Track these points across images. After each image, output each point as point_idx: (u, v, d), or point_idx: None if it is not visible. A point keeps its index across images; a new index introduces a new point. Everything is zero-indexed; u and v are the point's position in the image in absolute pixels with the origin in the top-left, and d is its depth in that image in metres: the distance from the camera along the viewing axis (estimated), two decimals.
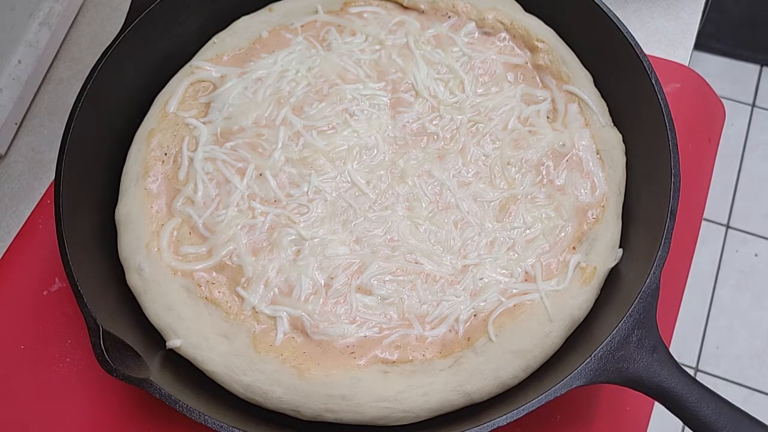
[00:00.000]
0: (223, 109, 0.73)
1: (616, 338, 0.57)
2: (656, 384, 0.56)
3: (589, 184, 0.69)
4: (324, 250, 0.67)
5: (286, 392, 0.61)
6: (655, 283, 0.59)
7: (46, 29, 0.90)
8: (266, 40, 0.78)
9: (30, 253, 0.77)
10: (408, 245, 0.67)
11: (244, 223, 0.68)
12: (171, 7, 0.74)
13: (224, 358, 0.63)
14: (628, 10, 0.91)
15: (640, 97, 0.68)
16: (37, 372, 0.71)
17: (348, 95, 0.74)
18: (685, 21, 0.90)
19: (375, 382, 0.61)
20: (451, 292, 0.65)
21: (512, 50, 0.76)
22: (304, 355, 0.63)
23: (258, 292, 0.65)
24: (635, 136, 0.70)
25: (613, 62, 0.72)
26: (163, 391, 0.57)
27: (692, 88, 0.84)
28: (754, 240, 1.87)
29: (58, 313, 0.74)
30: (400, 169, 0.71)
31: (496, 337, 0.62)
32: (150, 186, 0.70)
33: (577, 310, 0.64)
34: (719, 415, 0.54)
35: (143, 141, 0.72)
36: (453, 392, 0.61)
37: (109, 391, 0.70)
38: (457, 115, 0.73)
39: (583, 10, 0.73)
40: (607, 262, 0.66)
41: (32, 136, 0.88)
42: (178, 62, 0.77)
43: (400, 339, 0.63)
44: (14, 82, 0.86)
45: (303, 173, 0.70)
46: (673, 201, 0.62)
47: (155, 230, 0.68)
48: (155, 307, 0.65)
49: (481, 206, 0.69)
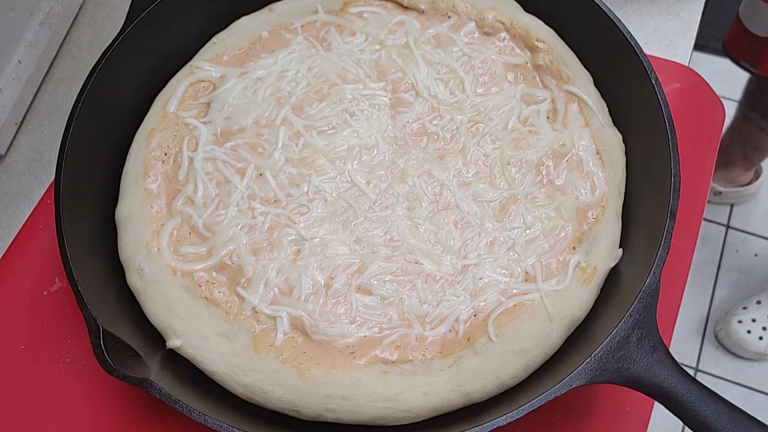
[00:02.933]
0: (223, 109, 0.73)
1: (616, 338, 0.57)
2: (656, 384, 0.56)
3: (589, 184, 0.69)
4: (324, 250, 0.67)
5: (286, 392, 0.61)
6: (655, 283, 0.59)
7: (46, 29, 0.90)
8: (266, 40, 0.78)
9: (30, 253, 0.77)
10: (408, 245, 0.67)
11: (244, 223, 0.68)
12: (171, 7, 0.74)
13: (224, 358, 0.63)
14: (628, 10, 0.91)
15: (640, 97, 0.68)
16: (37, 372, 0.71)
17: (348, 95, 0.74)
18: (685, 21, 0.90)
19: (375, 382, 0.61)
20: (451, 292, 0.65)
21: (512, 50, 0.76)
22: (304, 355, 0.63)
23: (258, 292, 0.65)
24: (635, 136, 0.70)
25: (613, 62, 0.72)
26: (163, 391, 0.57)
27: (692, 88, 0.84)
28: (754, 240, 1.87)
29: (58, 313, 0.74)
30: (400, 169, 0.71)
31: (496, 337, 0.62)
32: (150, 186, 0.70)
33: (577, 310, 0.64)
34: (719, 415, 0.54)
35: (143, 141, 0.72)
36: (453, 392, 0.61)
37: (109, 391, 0.70)
38: (457, 115, 0.73)
39: (583, 10, 0.73)
40: (607, 262, 0.66)
41: (32, 136, 0.88)
42: (178, 62, 0.77)
43: (400, 339, 0.63)
44: (14, 82, 0.86)
45: (303, 173, 0.70)
46: (673, 201, 0.62)
47: (155, 230, 0.68)
48: (155, 307, 0.65)
49: (481, 206, 0.69)
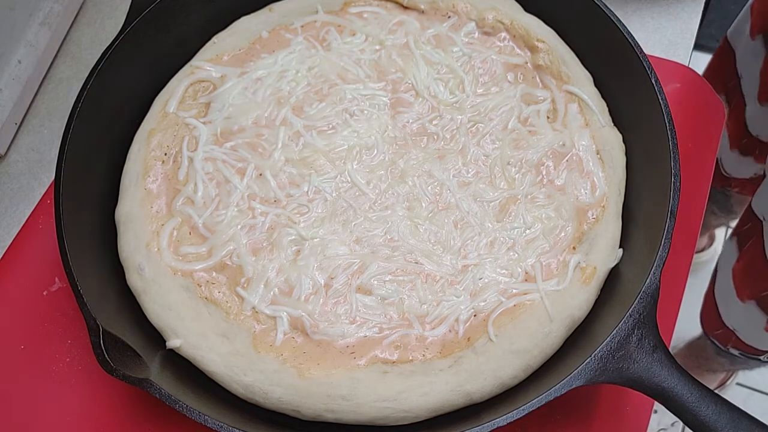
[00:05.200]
0: (223, 109, 0.73)
1: (616, 338, 0.57)
2: (656, 384, 0.56)
3: (589, 184, 0.69)
4: (324, 250, 0.67)
5: (286, 392, 0.61)
6: (655, 283, 0.59)
7: (46, 29, 0.90)
8: (266, 40, 0.78)
9: (30, 253, 0.77)
10: (408, 245, 0.67)
11: (244, 223, 0.68)
12: (171, 7, 0.74)
13: (224, 358, 0.63)
14: (628, 10, 0.91)
15: (640, 97, 0.68)
16: (37, 372, 0.71)
17: (348, 95, 0.74)
18: (685, 21, 0.90)
19: (375, 382, 0.61)
20: (451, 292, 0.65)
21: (512, 50, 0.76)
22: (304, 355, 0.63)
23: (258, 292, 0.65)
24: (635, 136, 0.70)
25: (613, 62, 0.72)
26: (163, 391, 0.57)
27: (692, 88, 0.84)
28: None
29: (58, 313, 0.74)
30: (400, 169, 0.71)
31: (496, 337, 0.62)
32: (150, 186, 0.70)
33: (577, 310, 0.64)
34: (719, 415, 0.54)
35: (143, 141, 0.72)
36: (453, 392, 0.61)
37: (109, 391, 0.70)
38: (457, 115, 0.73)
39: (583, 10, 0.73)
40: (607, 262, 0.66)
41: (32, 136, 0.88)
42: (178, 62, 0.77)
43: (400, 339, 0.63)
44: (14, 82, 0.86)
45: (303, 173, 0.70)
46: (673, 201, 0.62)
47: (155, 230, 0.68)
48: (155, 307, 0.65)
49: (481, 206, 0.69)
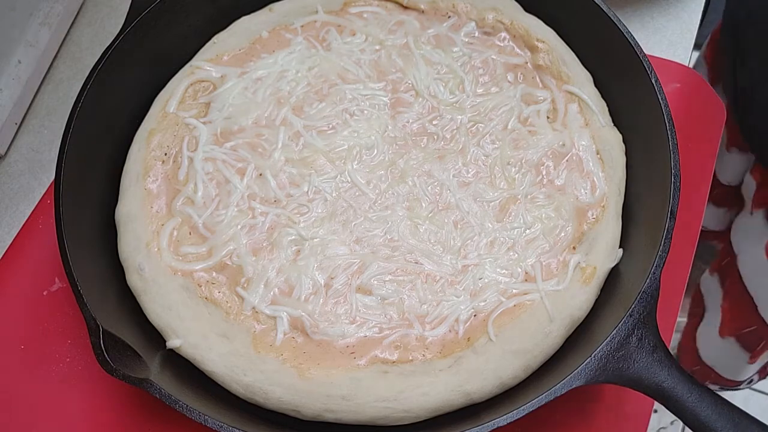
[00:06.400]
0: (223, 109, 0.73)
1: (616, 338, 0.57)
2: (656, 384, 0.56)
3: (589, 184, 0.69)
4: (324, 250, 0.67)
5: (286, 392, 0.61)
6: (655, 283, 0.59)
7: (46, 29, 0.90)
8: (266, 40, 0.78)
9: (30, 253, 0.77)
10: (408, 245, 0.67)
11: (244, 223, 0.68)
12: (171, 7, 0.74)
13: (224, 358, 0.63)
14: (628, 10, 0.91)
15: (640, 97, 0.68)
16: (37, 372, 0.71)
17: (348, 95, 0.74)
18: (685, 21, 0.90)
19: (375, 382, 0.61)
20: (451, 292, 0.65)
21: (512, 50, 0.76)
22: (304, 355, 0.63)
23: (258, 292, 0.65)
24: (635, 136, 0.70)
25: (613, 62, 0.72)
26: (163, 391, 0.57)
27: (692, 88, 0.84)
28: None
29: (58, 313, 0.74)
30: (400, 169, 0.71)
31: (496, 337, 0.62)
32: (150, 186, 0.70)
33: (577, 310, 0.64)
34: (719, 415, 0.54)
35: (143, 141, 0.72)
36: (453, 392, 0.61)
37: (109, 391, 0.70)
38: (457, 115, 0.73)
39: (583, 10, 0.73)
40: (607, 262, 0.66)
41: (32, 136, 0.87)
42: (178, 62, 0.77)
43: (400, 339, 0.63)
44: (14, 82, 0.86)
45: (303, 173, 0.70)
46: (673, 201, 0.62)
47: (155, 230, 0.68)
48: (155, 307, 0.65)
49: (481, 206, 0.69)
